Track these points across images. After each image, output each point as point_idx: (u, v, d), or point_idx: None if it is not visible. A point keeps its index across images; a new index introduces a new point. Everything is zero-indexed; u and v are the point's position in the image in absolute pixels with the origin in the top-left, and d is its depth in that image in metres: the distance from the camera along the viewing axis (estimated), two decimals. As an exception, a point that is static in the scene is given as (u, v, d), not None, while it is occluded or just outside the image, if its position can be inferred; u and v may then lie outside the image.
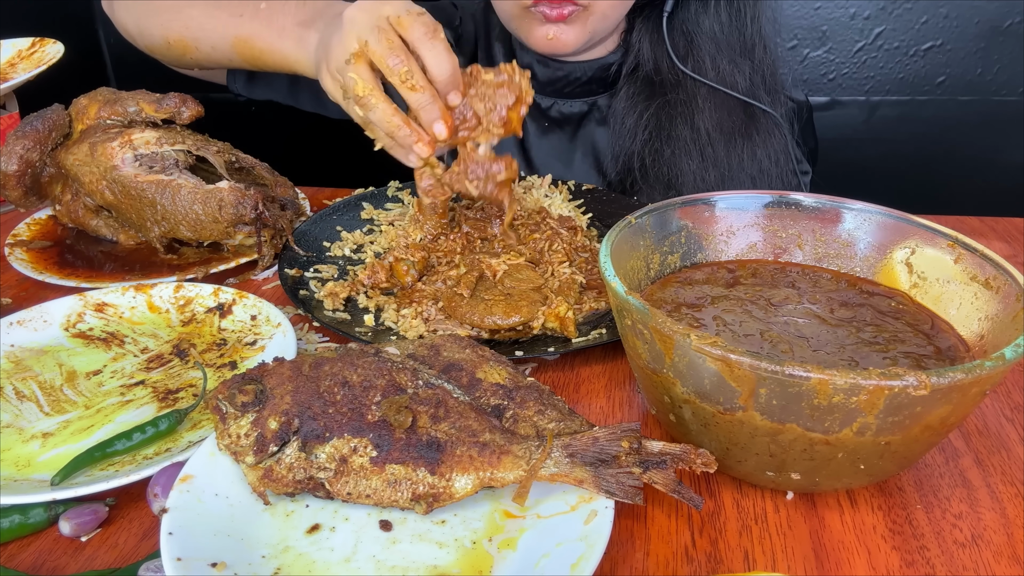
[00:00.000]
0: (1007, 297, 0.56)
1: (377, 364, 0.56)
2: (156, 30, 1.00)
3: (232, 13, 0.94)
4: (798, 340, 0.59)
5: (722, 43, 1.04)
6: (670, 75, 1.05)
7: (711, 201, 0.70)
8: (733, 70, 1.04)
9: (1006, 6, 1.56)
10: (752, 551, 0.52)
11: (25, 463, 0.59)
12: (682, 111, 1.05)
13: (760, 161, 1.05)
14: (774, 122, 1.06)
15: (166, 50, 1.02)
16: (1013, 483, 0.58)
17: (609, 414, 0.66)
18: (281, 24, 0.90)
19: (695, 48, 1.04)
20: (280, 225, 0.88)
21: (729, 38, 1.05)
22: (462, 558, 0.49)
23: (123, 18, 1.06)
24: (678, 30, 1.04)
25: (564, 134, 1.13)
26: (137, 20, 1.03)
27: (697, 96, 1.04)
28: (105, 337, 0.75)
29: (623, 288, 0.54)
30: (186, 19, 0.98)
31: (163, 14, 0.99)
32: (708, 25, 1.04)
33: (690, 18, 1.04)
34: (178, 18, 0.98)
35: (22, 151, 0.89)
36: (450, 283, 0.78)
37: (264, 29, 0.91)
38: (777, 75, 1.08)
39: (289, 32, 0.89)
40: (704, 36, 1.04)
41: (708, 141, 1.04)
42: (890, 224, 0.67)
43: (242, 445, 0.52)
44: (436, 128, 0.76)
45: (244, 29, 0.93)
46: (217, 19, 0.95)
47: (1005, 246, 0.97)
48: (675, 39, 1.04)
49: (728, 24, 1.05)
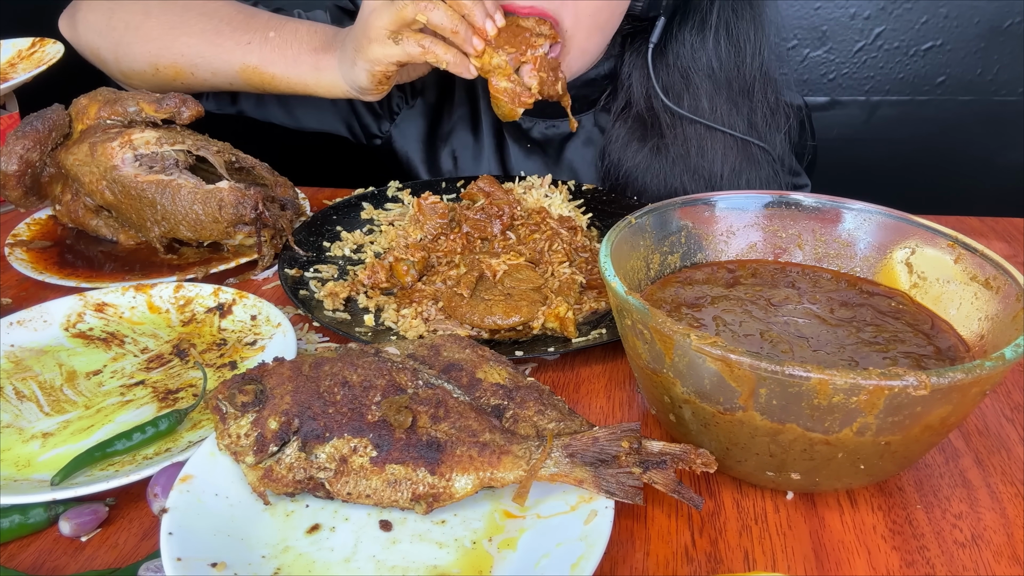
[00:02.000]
0: (1007, 297, 0.56)
1: (377, 364, 0.56)
2: (142, 56, 1.00)
3: (238, 42, 0.96)
4: (798, 340, 0.59)
5: (720, 80, 0.98)
6: (664, 115, 1.00)
7: (711, 201, 0.70)
8: (731, 109, 0.99)
9: (1006, 6, 1.56)
10: (752, 551, 0.52)
11: (25, 463, 0.59)
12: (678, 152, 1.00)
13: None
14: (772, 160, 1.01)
15: (152, 75, 1.02)
16: (1013, 483, 0.58)
17: (609, 414, 0.66)
18: (295, 52, 0.94)
19: (691, 85, 0.98)
20: (280, 225, 0.88)
21: (728, 75, 0.99)
22: (462, 558, 0.49)
23: (93, 42, 1.04)
24: (673, 66, 0.99)
25: (547, 157, 1.11)
26: (115, 46, 1.02)
27: (693, 137, 0.99)
28: (105, 337, 0.75)
29: (623, 288, 0.54)
30: (182, 47, 0.99)
31: (153, 42, 1.00)
32: (705, 61, 0.98)
33: (685, 53, 0.98)
34: (172, 46, 0.99)
35: (22, 151, 0.89)
36: (450, 283, 0.78)
37: (276, 57, 0.95)
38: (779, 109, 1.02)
39: (304, 59, 0.93)
40: (701, 73, 0.98)
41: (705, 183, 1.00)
42: (890, 224, 0.67)
43: (242, 445, 0.52)
44: (488, 25, 0.83)
45: (252, 58, 0.96)
46: (221, 47, 0.97)
47: (1005, 246, 0.97)
48: (670, 75, 0.99)
49: (727, 60, 0.98)
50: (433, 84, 1.12)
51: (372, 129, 1.16)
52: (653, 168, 1.02)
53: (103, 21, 1.03)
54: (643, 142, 1.02)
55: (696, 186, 1.01)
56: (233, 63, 0.97)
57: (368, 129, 1.16)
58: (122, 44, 1.02)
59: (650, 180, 1.03)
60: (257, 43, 0.95)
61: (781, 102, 1.03)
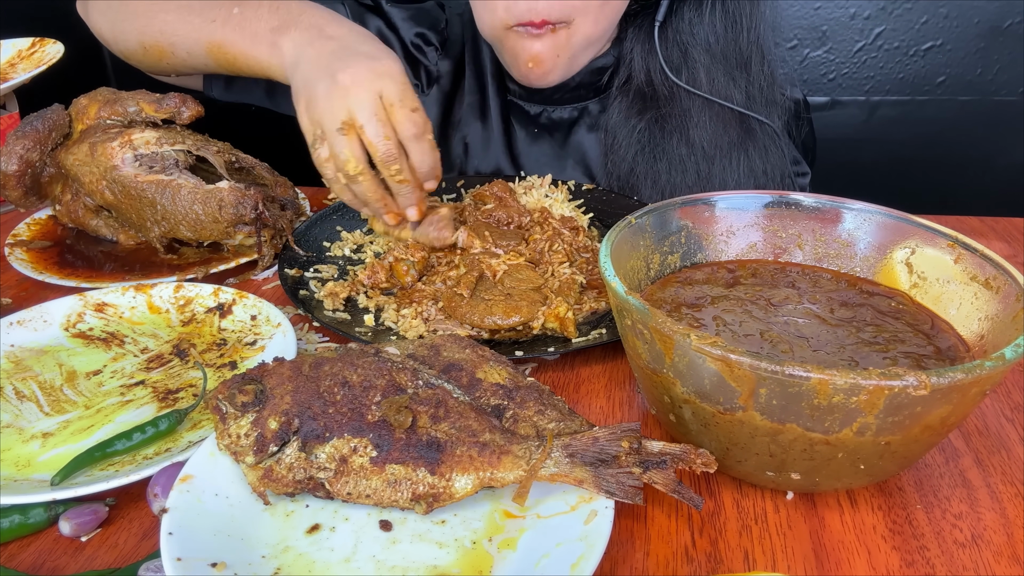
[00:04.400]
0: (1007, 297, 0.56)
1: (377, 364, 0.56)
2: (131, 35, 0.99)
3: (205, 18, 0.92)
4: (798, 340, 0.59)
5: (717, 54, 1.01)
6: (663, 88, 1.02)
7: (711, 201, 0.70)
8: (729, 82, 1.01)
9: (1006, 6, 1.56)
10: (752, 551, 0.52)
11: (25, 463, 0.59)
12: (676, 125, 1.02)
13: (757, 175, 1.03)
14: (771, 133, 1.03)
15: (142, 55, 1.00)
16: (1013, 483, 0.58)
17: (609, 414, 0.66)
18: (254, 30, 0.88)
19: (689, 59, 1.01)
20: (280, 225, 0.88)
21: (725, 49, 1.01)
22: (462, 558, 0.49)
23: (98, 22, 1.04)
24: (672, 41, 1.02)
25: (554, 141, 1.12)
26: (112, 24, 1.01)
27: (692, 109, 1.02)
28: (105, 337, 0.75)
29: (623, 288, 0.54)
30: (160, 24, 0.96)
31: (138, 18, 0.98)
32: (703, 35, 1.01)
33: (684, 28, 1.01)
34: (152, 23, 0.96)
35: (22, 151, 0.89)
36: (450, 283, 0.78)
37: (237, 35, 0.89)
38: (775, 85, 1.04)
39: (262, 38, 0.88)
40: (699, 47, 1.01)
41: (703, 156, 1.02)
42: (890, 224, 0.67)
43: (242, 445, 0.52)
44: (410, 212, 0.82)
45: (217, 35, 0.91)
46: (191, 24, 0.93)
47: (1005, 246, 0.97)
48: (668, 50, 1.01)
49: (724, 34, 1.01)
50: (448, 72, 1.13)
51: None
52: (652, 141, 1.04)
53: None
54: (642, 115, 1.04)
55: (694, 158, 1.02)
56: (201, 41, 0.93)
57: None
58: (116, 22, 1.00)
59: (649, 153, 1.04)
60: (221, 20, 0.90)
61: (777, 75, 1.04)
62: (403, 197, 0.81)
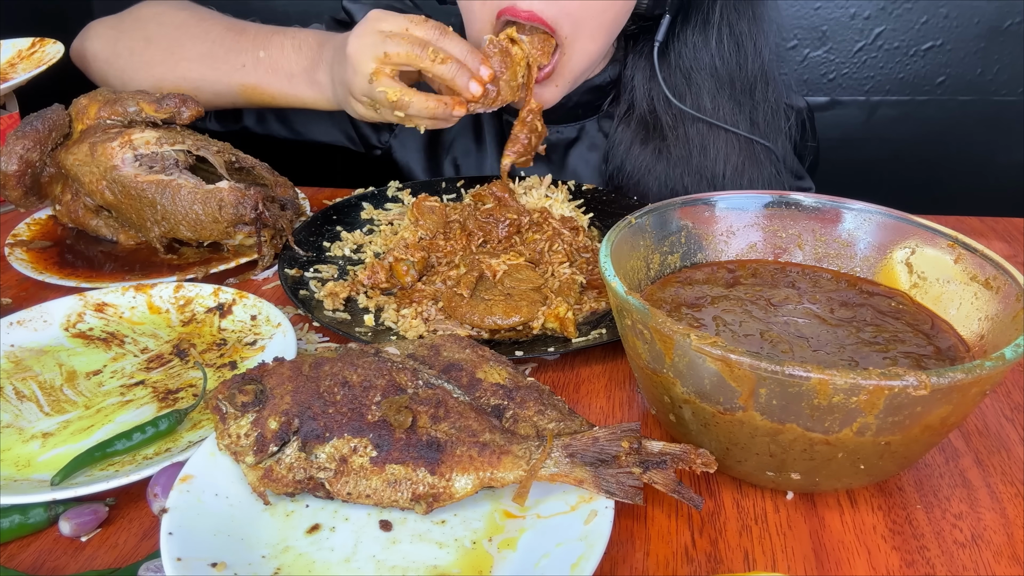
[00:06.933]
0: (1007, 297, 0.56)
1: (377, 364, 0.56)
2: (148, 83, 1.03)
3: (233, 65, 0.99)
4: (798, 340, 0.59)
5: (722, 79, 0.98)
6: (667, 116, 1.00)
7: (711, 201, 0.70)
8: (734, 108, 0.99)
9: (1006, 6, 1.56)
10: (752, 551, 0.52)
11: (25, 463, 0.59)
12: (681, 154, 1.00)
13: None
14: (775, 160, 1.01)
15: None
16: (1013, 483, 0.58)
17: (609, 414, 0.66)
18: (288, 71, 0.96)
19: (693, 85, 0.98)
20: (280, 225, 0.87)
21: (731, 74, 0.98)
22: (462, 558, 0.49)
23: (101, 70, 1.08)
24: (675, 66, 0.99)
25: (551, 163, 1.10)
26: (121, 73, 1.05)
27: (696, 136, 0.99)
28: (105, 337, 0.75)
29: (623, 288, 0.54)
30: (184, 71, 1.01)
31: (155, 68, 1.03)
32: (708, 60, 0.98)
33: (687, 52, 0.98)
34: (173, 71, 1.02)
35: (22, 151, 0.89)
36: (450, 283, 0.78)
37: (271, 76, 0.97)
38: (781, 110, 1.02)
39: (299, 78, 0.96)
40: (703, 72, 0.98)
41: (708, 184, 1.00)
42: (890, 224, 0.67)
43: (242, 445, 0.52)
44: (472, 87, 0.83)
45: (250, 78, 0.98)
46: (219, 71, 1.00)
47: (1005, 246, 0.97)
48: (673, 76, 0.98)
49: (730, 59, 0.98)
50: None
51: (371, 140, 1.16)
52: (656, 170, 1.02)
53: (108, 49, 1.06)
54: (645, 144, 1.02)
55: (699, 187, 1.00)
56: (232, 84, 1.00)
57: (367, 140, 1.16)
58: (127, 71, 1.04)
59: (652, 182, 1.03)
60: (251, 65, 0.98)
61: (782, 102, 1.03)
62: (457, 77, 0.82)
